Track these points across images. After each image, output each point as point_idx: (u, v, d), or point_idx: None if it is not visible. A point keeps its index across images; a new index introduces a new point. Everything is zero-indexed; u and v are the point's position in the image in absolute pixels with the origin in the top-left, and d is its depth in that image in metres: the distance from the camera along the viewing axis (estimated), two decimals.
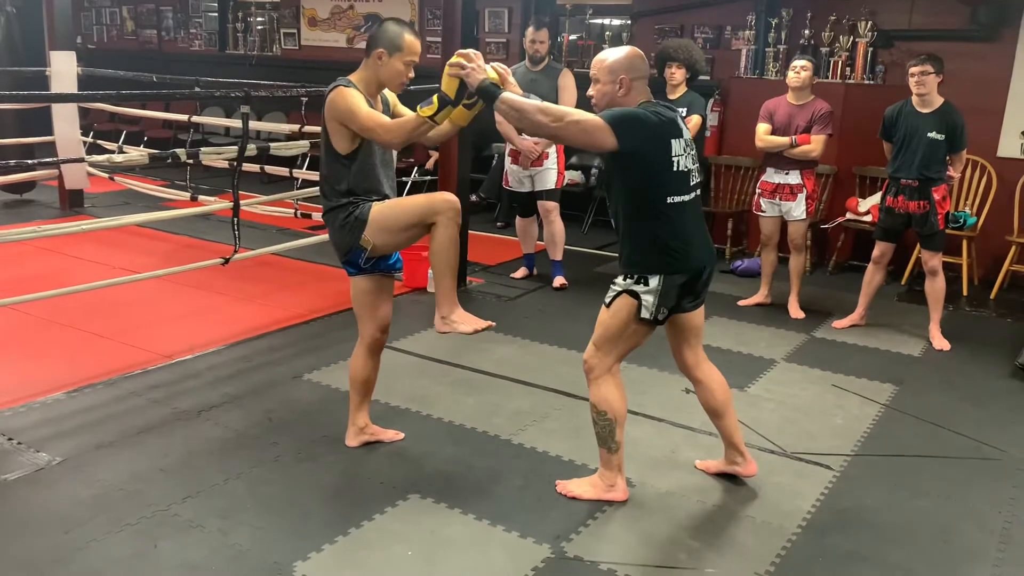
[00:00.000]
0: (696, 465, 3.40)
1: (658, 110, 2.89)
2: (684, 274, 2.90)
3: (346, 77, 3.09)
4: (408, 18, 8.93)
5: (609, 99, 2.91)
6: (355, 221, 3.09)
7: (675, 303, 2.94)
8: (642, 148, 2.81)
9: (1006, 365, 4.60)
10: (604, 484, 3.13)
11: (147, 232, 6.61)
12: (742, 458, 3.25)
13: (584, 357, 3.07)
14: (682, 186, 2.89)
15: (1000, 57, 6.07)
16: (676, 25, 7.41)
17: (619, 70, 2.89)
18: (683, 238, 2.89)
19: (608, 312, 2.99)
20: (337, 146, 3.06)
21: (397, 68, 3.05)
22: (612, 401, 3.01)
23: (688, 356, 3.16)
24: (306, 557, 2.72)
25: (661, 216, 2.87)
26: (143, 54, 10.96)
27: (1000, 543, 2.96)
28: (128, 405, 3.79)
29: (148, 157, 4.79)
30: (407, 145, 3.16)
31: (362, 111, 2.96)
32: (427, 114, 2.90)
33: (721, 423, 3.22)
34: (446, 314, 3.15)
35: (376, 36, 3.05)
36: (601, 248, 7.02)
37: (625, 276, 2.95)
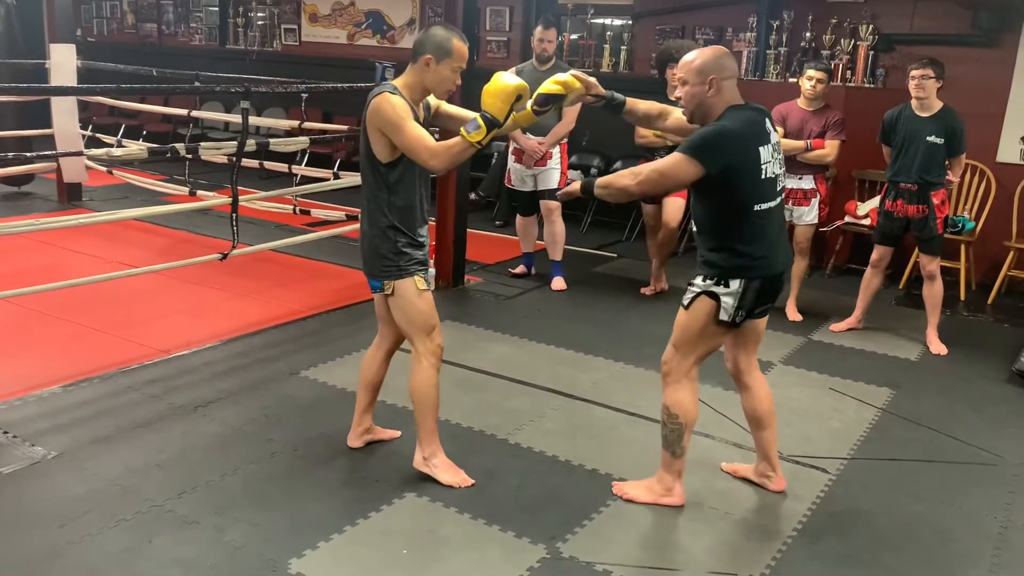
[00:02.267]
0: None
1: (746, 115, 2.85)
2: (765, 279, 2.90)
3: (390, 82, 2.98)
4: (409, 16, 8.93)
5: (699, 100, 2.86)
6: (394, 270, 3.04)
7: (752, 307, 2.93)
8: (729, 163, 2.77)
9: (1003, 370, 4.60)
10: (661, 488, 3.11)
11: (145, 226, 6.60)
12: (774, 473, 3.23)
13: (662, 359, 3.07)
14: (769, 192, 2.87)
15: (1000, 62, 6.07)
16: (677, 26, 7.40)
17: (709, 71, 2.83)
18: (767, 244, 2.88)
19: (687, 314, 2.98)
20: (377, 153, 2.95)
21: (445, 75, 2.94)
22: (686, 405, 3.00)
23: (742, 362, 3.16)
24: (301, 554, 2.72)
25: (747, 223, 2.85)
26: (143, 48, 10.93)
27: (996, 548, 2.96)
28: (124, 400, 3.78)
29: (147, 151, 4.77)
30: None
31: (408, 128, 2.84)
32: (475, 139, 2.80)
33: (761, 434, 3.19)
34: (428, 456, 3.19)
35: (423, 41, 2.93)
36: (600, 248, 7.02)
37: (704, 277, 2.93)
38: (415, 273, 3.04)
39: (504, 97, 2.79)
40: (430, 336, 3.08)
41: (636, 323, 5.16)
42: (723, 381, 4.29)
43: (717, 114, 2.86)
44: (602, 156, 7.73)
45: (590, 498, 3.14)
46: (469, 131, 2.80)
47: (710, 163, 2.75)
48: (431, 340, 3.08)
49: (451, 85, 2.98)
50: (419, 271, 3.05)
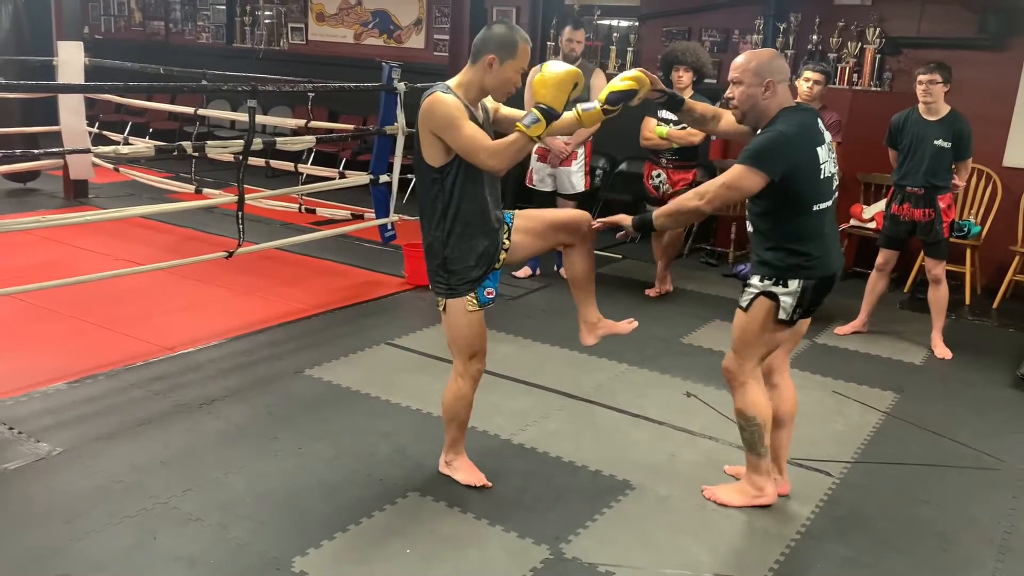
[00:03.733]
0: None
1: (799, 117, 2.85)
2: (822, 279, 2.91)
3: (444, 82, 2.84)
4: (416, 15, 8.93)
5: (753, 102, 2.85)
6: (443, 287, 2.94)
7: (808, 306, 2.95)
8: (790, 168, 2.77)
9: (1007, 375, 4.59)
10: (753, 490, 3.12)
11: (151, 224, 6.61)
12: (779, 476, 3.24)
13: (724, 365, 3.07)
14: (827, 191, 2.88)
15: (1008, 66, 6.06)
16: (684, 28, 7.40)
17: (765, 73, 2.82)
18: (823, 243, 2.89)
19: (746, 315, 2.98)
20: (428, 157, 2.80)
21: (508, 76, 2.79)
22: (759, 405, 3.01)
23: (777, 359, 3.16)
24: (305, 553, 2.73)
25: (805, 223, 2.85)
26: (150, 46, 10.96)
27: (999, 553, 2.96)
28: (129, 396, 3.79)
29: (154, 149, 4.78)
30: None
31: (464, 129, 2.69)
32: (535, 133, 2.68)
33: (777, 434, 3.19)
34: (450, 459, 3.23)
35: (485, 40, 2.78)
36: (604, 249, 7.02)
37: (762, 278, 2.93)
38: (466, 293, 2.92)
39: (560, 86, 2.68)
40: (471, 360, 3.02)
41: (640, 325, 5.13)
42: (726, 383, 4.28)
43: (770, 116, 2.85)
44: (607, 157, 7.73)
45: (594, 499, 3.15)
46: (527, 125, 2.67)
47: (772, 170, 2.75)
48: (471, 365, 3.03)
49: (512, 88, 2.84)
50: (471, 289, 2.92)
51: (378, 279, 5.76)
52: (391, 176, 5.87)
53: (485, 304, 2.97)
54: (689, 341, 4.92)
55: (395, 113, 5.71)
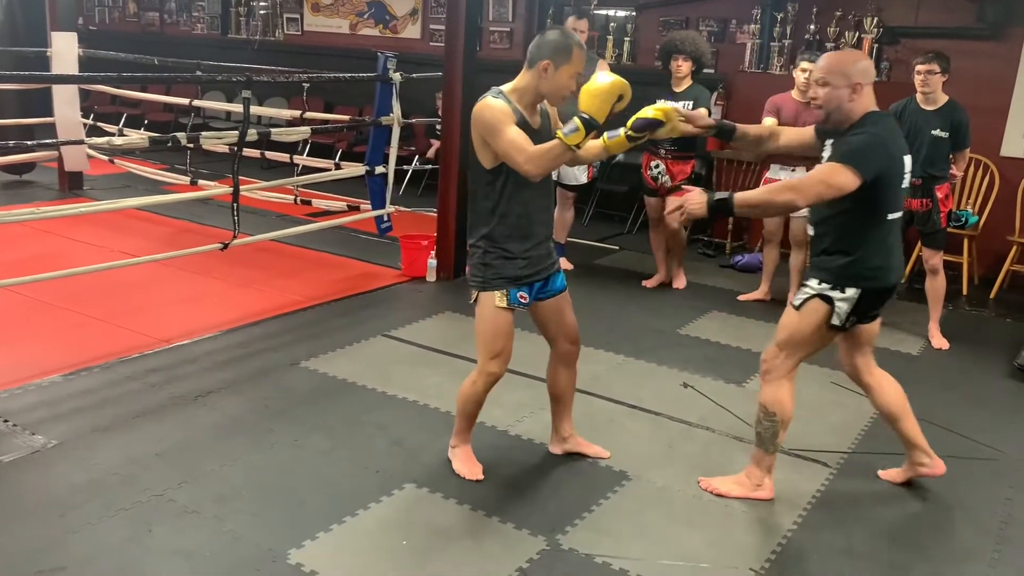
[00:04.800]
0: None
1: (888, 123, 2.82)
2: (881, 289, 2.88)
3: (498, 87, 2.89)
4: (412, 5, 8.89)
5: (838, 104, 2.80)
6: (478, 281, 2.98)
7: (864, 313, 2.91)
8: (880, 172, 2.74)
9: (1005, 365, 4.59)
10: (751, 483, 3.12)
11: (146, 216, 6.59)
12: (929, 459, 3.19)
13: (763, 357, 3.04)
14: (901, 202, 2.87)
15: (1006, 56, 6.04)
16: (681, 17, 7.37)
17: (855, 75, 2.78)
18: (888, 254, 2.87)
19: (797, 315, 2.94)
20: (482, 159, 2.88)
21: (563, 81, 2.82)
22: (784, 404, 2.99)
23: (859, 362, 3.14)
24: (300, 545, 2.72)
25: (874, 231, 2.83)
26: (145, 37, 10.91)
27: (996, 543, 2.96)
28: (124, 389, 3.78)
29: (148, 140, 4.76)
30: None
31: (506, 133, 2.74)
32: (573, 142, 2.67)
33: (900, 425, 3.16)
34: (455, 444, 3.25)
35: (540, 46, 2.82)
36: (602, 240, 7.01)
37: (820, 280, 2.90)
38: (499, 288, 2.95)
39: (604, 97, 2.67)
40: (491, 361, 3.02)
41: (637, 316, 5.16)
42: (723, 374, 4.30)
43: (855, 119, 2.81)
44: None
45: (590, 490, 3.14)
46: (566, 133, 2.68)
47: (866, 171, 2.71)
48: (490, 365, 3.03)
49: (567, 92, 2.87)
50: (504, 286, 2.95)
51: (374, 271, 5.74)
52: (387, 167, 5.86)
53: (514, 305, 2.98)
54: (686, 332, 4.91)
55: (391, 104, 5.70)
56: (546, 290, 3.08)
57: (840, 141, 2.81)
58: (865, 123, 2.80)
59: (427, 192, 7.88)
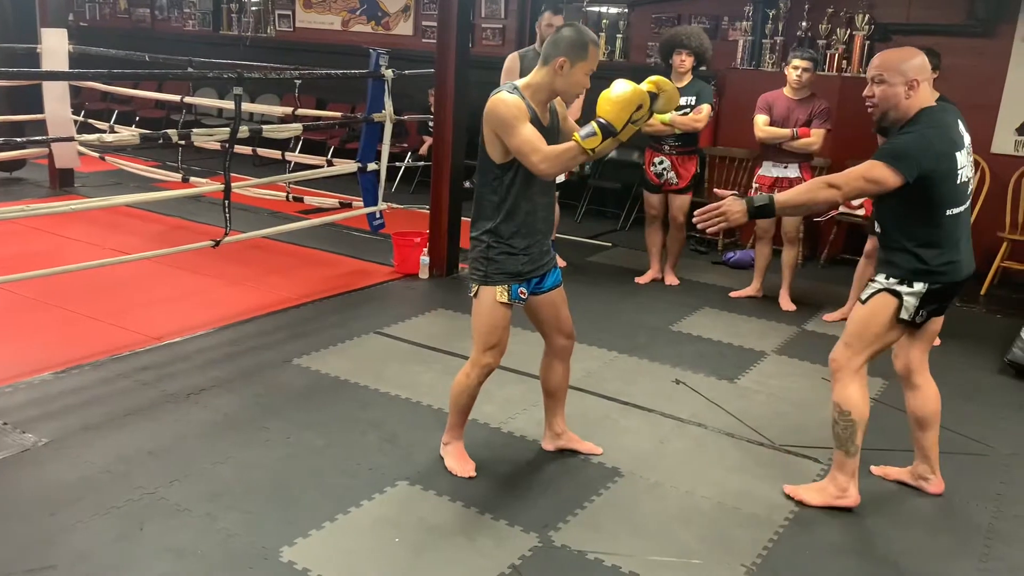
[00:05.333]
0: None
1: (943, 119, 2.78)
2: (949, 284, 2.86)
3: (512, 83, 2.90)
4: (404, 3, 8.87)
5: (895, 102, 2.77)
6: (480, 275, 2.98)
7: (934, 308, 2.89)
8: (927, 171, 2.70)
9: (995, 361, 4.61)
10: (835, 489, 3.05)
11: (137, 213, 6.57)
12: (933, 476, 3.19)
13: (832, 356, 3.00)
14: (962, 196, 2.82)
15: (996, 53, 6.06)
16: (673, 14, 7.37)
17: (911, 71, 2.73)
18: (953, 249, 2.83)
19: (865, 309, 2.91)
20: (492, 154, 2.88)
21: (578, 78, 2.83)
22: (857, 402, 2.95)
23: (915, 361, 3.09)
24: (293, 542, 2.72)
25: (936, 227, 2.79)
26: (136, 33, 10.85)
27: (987, 538, 2.97)
28: (116, 387, 3.77)
29: (139, 137, 4.74)
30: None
31: (522, 130, 2.75)
32: (590, 146, 2.68)
33: (922, 434, 3.14)
34: (447, 441, 3.25)
35: (555, 43, 2.82)
36: (594, 237, 7.01)
37: (888, 276, 2.88)
38: (500, 283, 2.95)
39: (624, 105, 2.67)
40: (486, 352, 3.03)
41: (630, 312, 5.16)
42: (715, 370, 4.30)
43: (910, 116, 2.78)
44: None
45: (583, 487, 3.15)
46: (583, 137, 2.69)
47: (907, 170, 2.68)
48: (484, 357, 3.03)
49: (581, 89, 2.87)
50: (506, 281, 2.95)
51: (367, 268, 5.73)
52: (379, 164, 5.85)
53: (515, 300, 2.99)
54: (678, 329, 4.92)
55: (383, 100, 5.68)
56: (543, 285, 3.09)
57: (888, 140, 2.79)
58: (918, 121, 2.76)
59: (420, 189, 7.88)
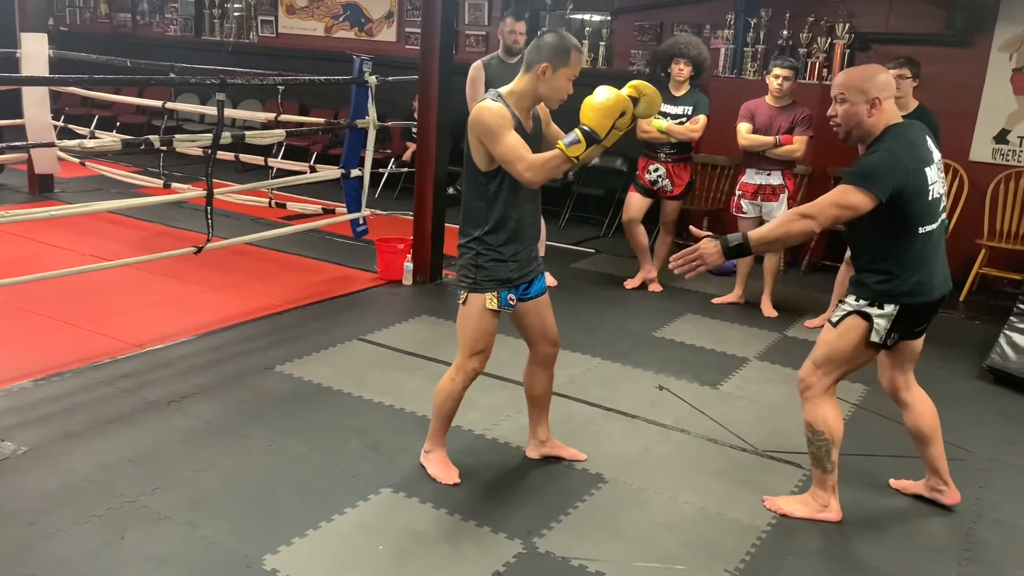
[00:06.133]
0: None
1: (909, 136, 2.77)
2: (922, 305, 2.84)
3: (496, 90, 2.89)
4: (387, 8, 8.87)
5: (858, 120, 2.77)
6: (469, 282, 2.97)
7: (906, 330, 2.88)
8: (899, 187, 2.68)
9: (974, 367, 4.66)
10: (817, 504, 3.07)
11: (118, 219, 6.52)
12: (946, 487, 3.19)
13: (800, 375, 3.00)
14: (934, 213, 2.80)
15: (974, 62, 6.14)
16: (656, 22, 7.42)
17: (873, 90, 2.73)
18: (926, 268, 2.82)
19: (835, 331, 2.90)
20: (478, 162, 2.88)
21: (561, 84, 2.83)
22: (830, 421, 2.94)
23: (899, 379, 3.09)
24: (276, 550, 2.70)
25: (908, 245, 2.78)
26: (117, 38, 10.79)
27: (966, 542, 3.00)
28: (97, 394, 3.74)
29: (120, 143, 4.72)
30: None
31: (506, 138, 2.75)
32: (574, 154, 2.69)
33: (926, 449, 3.13)
34: (429, 449, 3.24)
35: (538, 49, 2.83)
36: (578, 244, 7.03)
37: (858, 297, 2.86)
38: (489, 290, 2.95)
39: (607, 112, 2.68)
40: (472, 358, 3.03)
41: (613, 319, 5.18)
42: (698, 376, 4.32)
43: (876, 134, 2.78)
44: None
45: (567, 493, 3.15)
46: (567, 145, 2.69)
47: (879, 191, 2.66)
48: (471, 362, 3.04)
49: (564, 95, 2.87)
50: (496, 288, 2.95)
51: (350, 274, 5.72)
52: (363, 170, 5.84)
53: (504, 307, 3.00)
54: (661, 335, 4.94)
55: (366, 106, 5.68)
56: (529, 292, 3.09)
57: (856, 161, 2.78)
58: (883, 139, 2.76)
59: (403, 195, 7.87)
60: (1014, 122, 6.13)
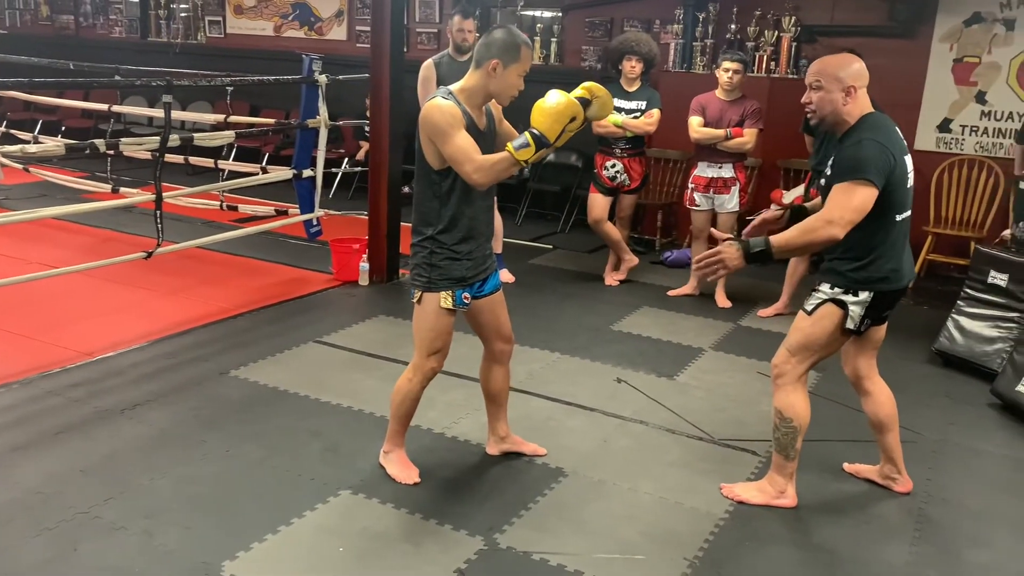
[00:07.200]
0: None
1: (886, 124, 2.80)
2: (893, 291, 2.89)
3: (447, 87, 2.88)
4: (337, 7, 8.80)
5: (834, 108, 2.79)
6: (423, 281, 2.96)
7: (877, 316, 2.92)
8: (888, 174, 2.73)
9: (923, 351, 4.76)
10: (774, 490, 3.10)
11: (65, 225, 6.38)
12: (899, 476, 3.24)
13: (774, 362, 3.02)
14: (909, 200, 2.85)
15: (916, 53, 6.27)
16: (606, 18, 7.46)
17: (848, 78, 2.76)
18: (898, 256, 2.87)
19: (809, 319, 2.93)
20: (430, 160, 2.85)
21: (511, 80, 2.82)
22: (799, 409, 2.97)
23: (863, 367, 3.12)
24: (234, 556, 2.67)
25: (886, 233, 2.82)
26: (59, 40, 10.54)
27: (917, 522, 3.07)
28: (46, 405, 3.66)
29: (64, 147, 4.60)
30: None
31: (456, 138, 2.74)
32: (523, 157, 2.69)
33: (883, 437, 3.19)
34: (388, 449, 3.22)
35: (488, 45, 2.81)
36: (535, 240, 7.05)
37: (832, 285, 2.89)
38: (444, 289, 2.94)
39: (557, 117, 2.68)
40: (429, 358, 3.02)
41: (571, 313, 5.20)
42: (655, 368, 4.36)
43: (852, 122, 2.81)
44: None
45: (527, 488, 3.16)
46: (516, 148, 2.69)
47: (879, 180, 2.70)
48: (428, 361, 3.02)
49: (515, 92, 2.87)
50: (450, 287, 2.94)
51: (305, 276, 5.67)
52: (315, 170, 5.79)
53: (459, 306, 2.98)
54: (619, 328, 4.98)
55: (317, 106, 5.63)
56: (484, 290, 3.09)
57: (843, 155, 2.78)
58: (863, 128, 2.79)
59: (358, 195, 7.82)
60: (956, 111, 6.28)
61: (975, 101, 6.22)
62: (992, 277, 4.49)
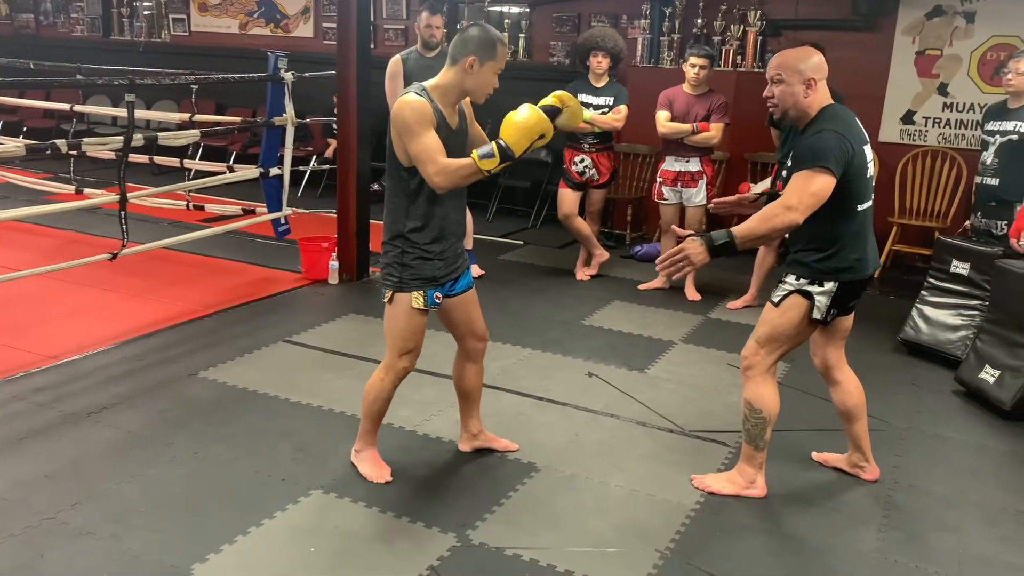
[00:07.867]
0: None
1: (845, 116, 2.83)
2: (858, 281, 2.91)
3: (421, 83, 2.84)
4: (303, 4, 8.73)
5: (795, 100, 2.82)
6: (394, 280, 2.93)
7: (843, 305, 2.94)
8: (847, 166, 2.76)
9: (889, 340, 4.83)
10: (744, 481, 3.12)
11: (28, 227, 6.28)
12: (867, 464, 3.28)
13: (743, 354, 3.04)
14: (869, 191, 2.87)
15: (879, 46, 6.36)
16: (573, 14, 7.47)
17: (808, 71, 2.80)
18: (863, 245, 2.89)
19: (777, 311, 2.95)
20: (400, 157, 2.83)
21: (487, 78, 2.82)
22: (768, 400, 3.00)
23: (831, 356, 3.15)
24: (204, 559, 2.65)
25: (849, 224, 2.84)
26: (19, 39, 10.36)
27: (884, 509, 3.12)
28: (9, 410, 3.60)
29: (24, 148, 4.53)
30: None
31: (423, 138, 2.72)
32: (486, 167, 2.69)
33: (851, 426, 3.22)
34: (359, 448, 3.21)
35: (464, 42, 2.80)
36: (505, 236, 7.05)
37: (798, 276, 2.91)
38: (416, 289, 2.92)
39: (527, 133, 2.70)
40: (401, 357, 3.00)
41: (543, 309, 5.21)
42: (626, 361, 4.38)
43: (812, 114, 2.83)
44: None
45: (499, 484, 3.16)
46: (481, 157, 2.70)
47: (837, 168, 2.72)
48: (400, 361, 3.00)
49: (491, 88, 2.86)
50: (422, 287, 2.93)
51: (273, 275, 5.62)
52: (282, 169, 5.74)
53: (431, 306, 2.97)
54: (590, 323, 4.99)
55: (283, 104, 5.59)
56: (455, 288, 3.08)
57: (802, 146, 2.82)
58: (823, 119, 2.83)
59: (327, 193, 7.77)
60: (919, 103, 6.38)
61: (937, 93, 6.32)
62: (954, 266, 4.56)
